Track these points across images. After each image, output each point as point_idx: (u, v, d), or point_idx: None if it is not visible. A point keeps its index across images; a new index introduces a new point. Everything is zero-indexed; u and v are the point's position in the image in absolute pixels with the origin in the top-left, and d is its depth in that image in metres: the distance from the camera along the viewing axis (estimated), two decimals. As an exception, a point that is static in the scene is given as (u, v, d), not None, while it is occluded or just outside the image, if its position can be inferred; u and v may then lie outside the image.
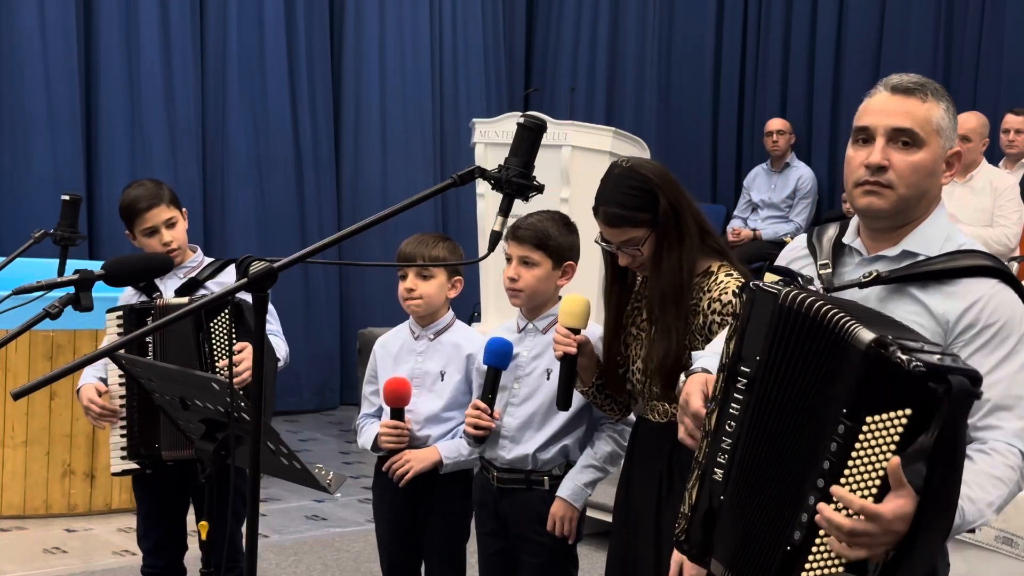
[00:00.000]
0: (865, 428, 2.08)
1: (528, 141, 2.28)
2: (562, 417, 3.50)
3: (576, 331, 3.18)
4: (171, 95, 8.65)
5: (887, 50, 9.27)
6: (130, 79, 8.54)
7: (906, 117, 2.37)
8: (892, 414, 2.06)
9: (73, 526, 6.05)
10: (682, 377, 2.70)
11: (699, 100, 10.60)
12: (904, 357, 2.05)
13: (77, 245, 4.14)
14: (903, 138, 2.36)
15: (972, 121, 7.11)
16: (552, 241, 3.49)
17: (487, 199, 7.07)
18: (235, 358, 3.66)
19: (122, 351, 3.15)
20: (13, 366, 6.03)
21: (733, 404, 2.33)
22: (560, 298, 3.60)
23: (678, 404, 2.54)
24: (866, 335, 2.10)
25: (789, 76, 9.87)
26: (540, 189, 2.30)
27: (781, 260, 2.66)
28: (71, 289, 2.77)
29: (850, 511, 2.05)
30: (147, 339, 3.74)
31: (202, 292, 3.89)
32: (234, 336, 3.71)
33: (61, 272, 3.93)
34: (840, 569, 2.13)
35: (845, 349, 2.12)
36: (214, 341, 3.72)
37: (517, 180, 2.26)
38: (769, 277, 2.59)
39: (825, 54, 9.62)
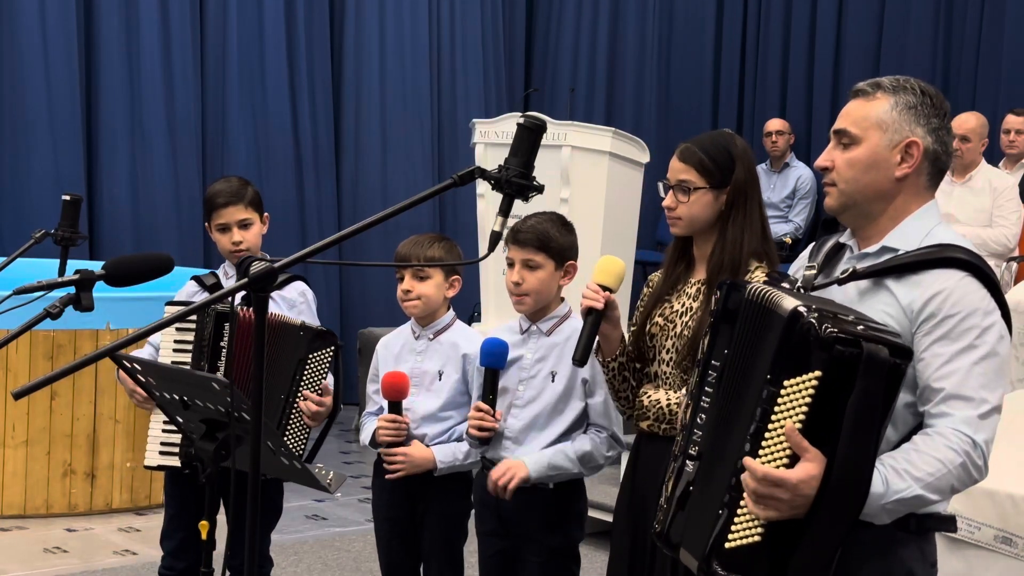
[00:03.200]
0: (783, 392, 2.19)
1: (528, 141, 2.29)
2: (565, 421, 3.51)
3: (608, 290, 3.10)
4: (171, 95, 8.66)
5: (887, 50, 9.28)
6: (130, 79, 8.54)
7: (843, 119, 2.49)
8: (804, 377, 2.17)
9: (74, 526, 6.05)
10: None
11: (699, 100, 10.62)
12: (817, 322, 2.16)
13: (78, 245, 4.14)
14: (843, 139, 2.48)
15: (971, 121, 7.11)
16: (554, 242, 3.50)
17: (487, 199, 7.07)
18: (317, 398, 3.71)
19: (123, 351, 3.15)
20: (14, 366, 6.03)
21: (704, 398, 2.43)
22: (563, 299, 3.60)
23: None
24: (789, 303, 2.22)
25: (788, 76, 9.88)
26: (540, 189, 2.31)
27: (791, 270, 2.73)
28: (72, 289, 2.77)
29: (756, 476, 2.17)
30: (221, 343, 3.76)
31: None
32: (324, 374, 3.75)
33: (62, 272, 3.93)
34: (760, 532, 2.21)
35: (771, 318, 2.25)
36: (306, 374, 3.74)
37: (517, 180, 2.27)
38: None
39: (824, 54, 9.63)
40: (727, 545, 2.24)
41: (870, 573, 2.34)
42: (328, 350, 3.76)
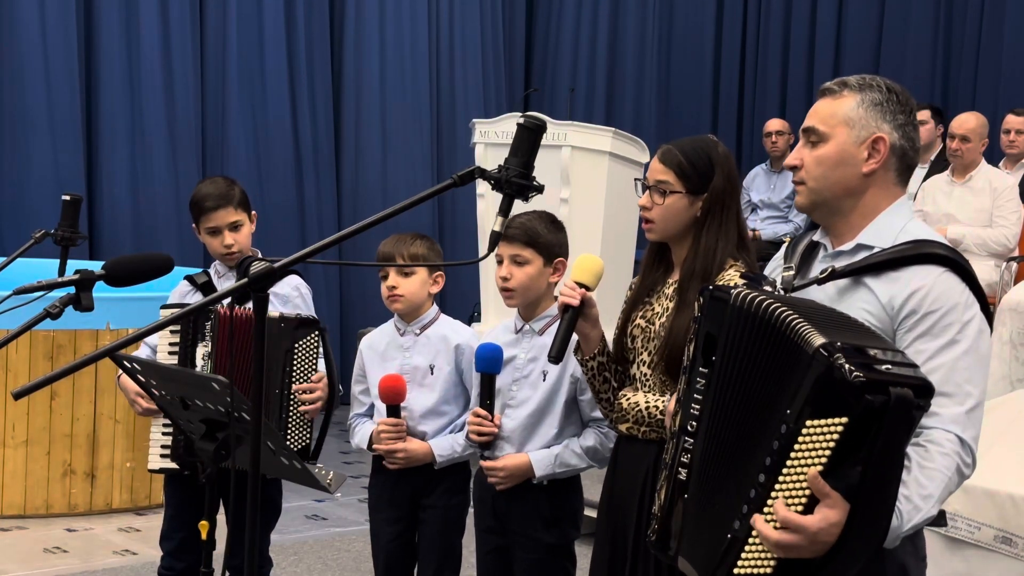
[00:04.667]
0: (805, 431, 2.13)
1: (528, 141, 2.29)
2: (556, 420, 3.52)
3: (585, 288, 3.10)
4: (171, 95, 8.66)
5: (887, 50, 9.29)
6: (130, 79, 8.54)
7: (811, 117, 2.54)
8: (829, 421, 2.10)
9: (74, 526, 6.05)
10: (664, 398, 2.77)
11: (699, 101, 10.63)
12: (846, 365, 2.08)
13: (77, 245, 4.14)
14: (811, 137, 2.52)
15: (971, 121, 7.11)
16: (541, 238, 3.51)
17: (487, 199, 7.07)
18: (310, 385, 3.72)
19: (122, 351, 3.15)
20: (14, 366, 6.03)
21: (694, 405, 2.40)
22: (556, 297, 3.61)
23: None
24: (816, 339, 2.14)
25: (788, 76, 9.89)
26: (540, 189, 2.30)
27: (766, 271, 2.73)
28: (72, 289, 2.77)
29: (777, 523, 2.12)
30: (202, 343, 3.76)
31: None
32: (316, 359, 3.75)
33: (62, 272, 3.93)
34: (772, 566, 2.18)
35: (796, 351, 2.17)
36: (296, 363, 3.74)
37: (517, 180, 2.27)
38: (733, 281, 2.65)
39: (824, 54, 9.64)
40: (736, 571, 2.22)
41: (864, 569, 2.34)
42: (313, 335, 3.76)
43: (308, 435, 3.76)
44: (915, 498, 2.23)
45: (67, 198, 4.09)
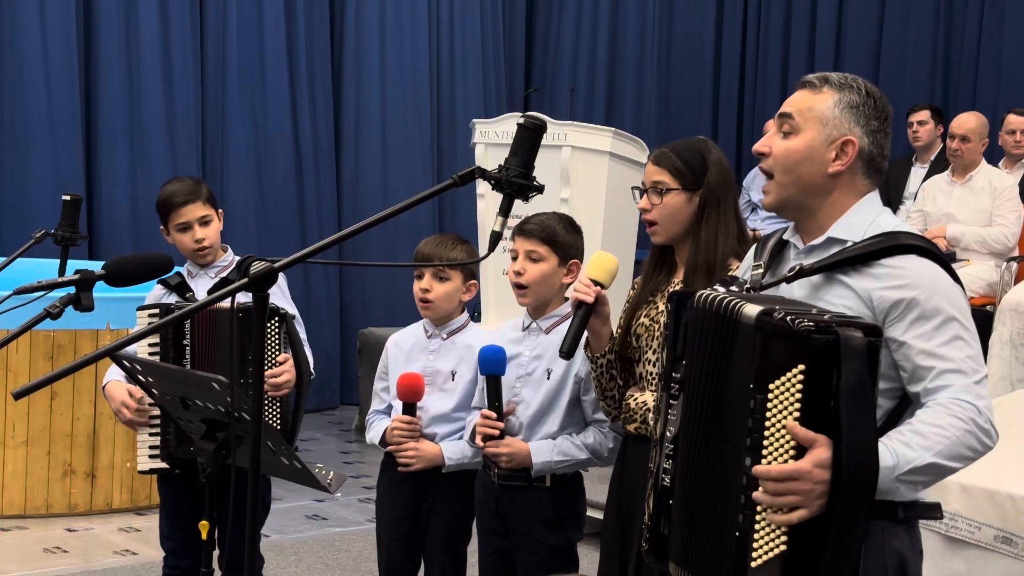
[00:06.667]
0: (771, 395, 2.18)
1: (528, 141, 2.29)
2: (559, 418, 3.52)
3: (599, 286, 3.12)
4: (171, 95, 8.66)
5: (887, 50, 9.30)
6: (130, 79, 8.54)
7: (788, 104, 2.52)
8: (788, 375, 2.16)
9: (74, 526, 6.05)
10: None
11: (699, 101, 10.63)
12: (789, 319, 2.16)
13: (78, 245, 4.15)
14: (784, 126, 2.50)
15: (972, 121, 7.11)
16: (559, 238, 3.52)
17: (487, 199, 7.08)
18: (276, 370, 3.69)
19: (123, 351, 3.15)
20: (14, 366, 6.04)
21: (670, 411, 2.43)
22: (567, 299, 3.61)
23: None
24: (752, 309, 2.22)
25: (788, 76, 9.89)
26: (540, 189, 2.31)
27: (739, 272, 2.75)
28: (72, 289, 2.77)
29: (774, 479, 2.16)
30: (184, 341, 3.76)
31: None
32: (280, 345, 3.73)
33: (62, 272, 3.93)
34: (784, 541, 2.19)
35: (737, 327, 2.25)
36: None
37: (517, 180, 2.27)
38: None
39: (825, 54, 9.64)
40: (753, 565, 2.21)
41: (867, 562, 2.35)
42: (272, 324, 3.72)
43: (277, 419, 3.74)
44: (913, 445, 2.26)
45: (67, 198, 4.09)
